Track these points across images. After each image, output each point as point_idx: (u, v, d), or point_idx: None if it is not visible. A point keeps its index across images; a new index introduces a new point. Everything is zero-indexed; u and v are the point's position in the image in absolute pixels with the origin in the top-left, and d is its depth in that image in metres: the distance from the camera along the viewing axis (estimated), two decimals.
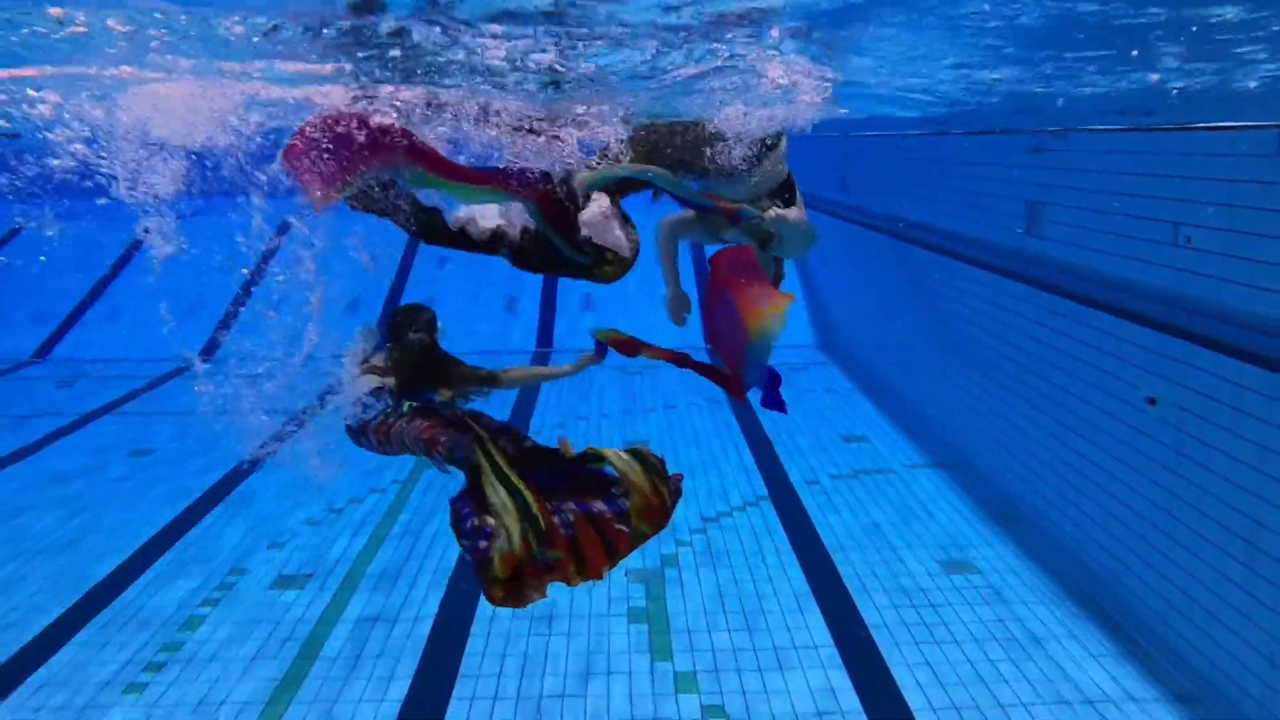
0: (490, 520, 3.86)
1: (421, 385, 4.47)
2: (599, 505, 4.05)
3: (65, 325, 17.34)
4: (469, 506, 3.97)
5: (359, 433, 4.39)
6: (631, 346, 4.61)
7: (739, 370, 4.39)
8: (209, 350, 16.23)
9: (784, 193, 4.61)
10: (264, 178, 3.64)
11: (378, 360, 4.53)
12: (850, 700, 5.89)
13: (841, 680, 6.10)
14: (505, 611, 6.95)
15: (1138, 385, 6.46)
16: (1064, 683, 6.03)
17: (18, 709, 5.94)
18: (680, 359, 4.53)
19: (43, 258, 17.54)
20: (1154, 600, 6.29)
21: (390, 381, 4.40)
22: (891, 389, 12.33)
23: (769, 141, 4.48)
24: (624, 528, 4.01)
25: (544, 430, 11.33)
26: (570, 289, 17.56)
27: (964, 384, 9.60)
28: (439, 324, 4.64)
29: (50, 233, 4.49)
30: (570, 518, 3.97)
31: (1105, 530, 6.86)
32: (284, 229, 3.68)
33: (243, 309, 16.59)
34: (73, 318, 17.54)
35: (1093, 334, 7.03)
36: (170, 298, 17.46)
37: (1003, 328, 8.57)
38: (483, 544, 3.82)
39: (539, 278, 17.73)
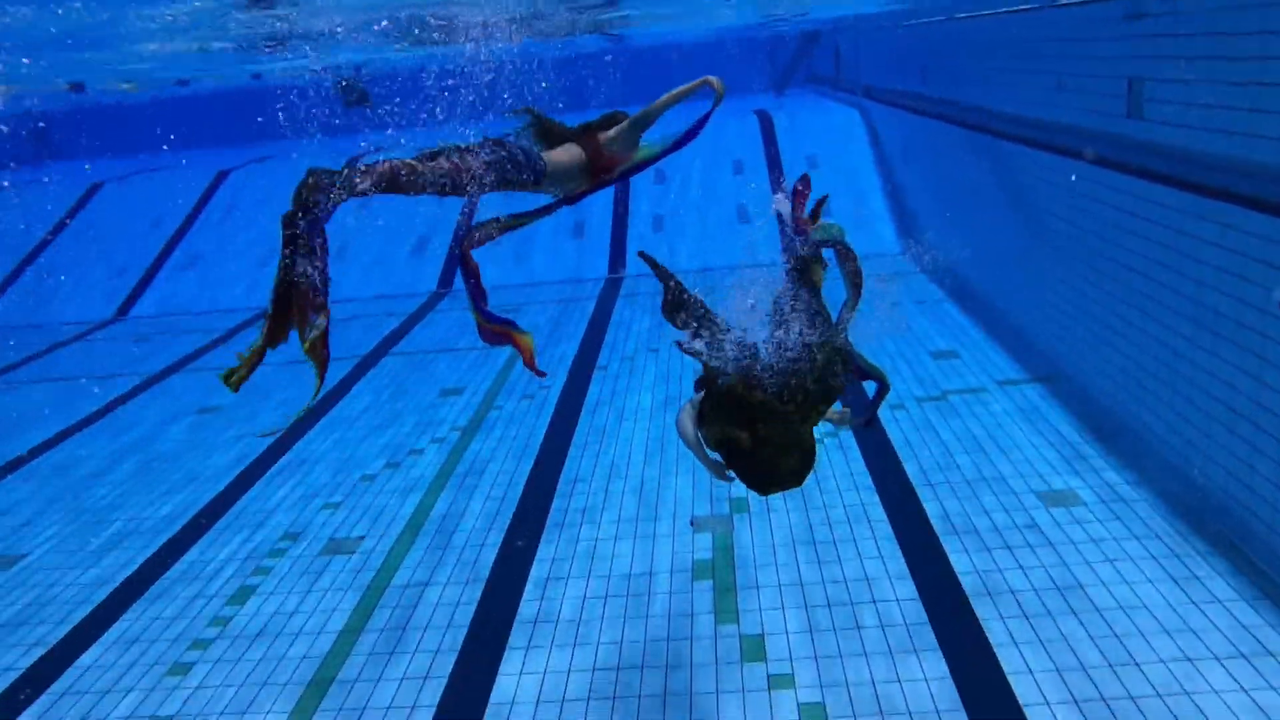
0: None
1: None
2: None
3: (144, 281, 17.47)
4: None
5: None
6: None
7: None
8: None
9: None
10: None
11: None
12: (937, 664, 5.25)
13: (926, 638, 5.47)
14: (561, 573, 6.53)
15: (1264, 283, 5.52)
16: (1186, 636, 5.25)
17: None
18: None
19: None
20: None
21: None
22: (982, 297, 11.36)
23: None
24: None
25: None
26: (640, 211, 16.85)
27: (1061, 288, 8.64)
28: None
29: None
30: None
31: (1230, 452, 5.97)
32: None
33: None
34: (151, 273, 17.66)
35: (1209, 227, 6.06)
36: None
37: (1103, 224, 7.58)
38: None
39: (609, 203, 17.03)
